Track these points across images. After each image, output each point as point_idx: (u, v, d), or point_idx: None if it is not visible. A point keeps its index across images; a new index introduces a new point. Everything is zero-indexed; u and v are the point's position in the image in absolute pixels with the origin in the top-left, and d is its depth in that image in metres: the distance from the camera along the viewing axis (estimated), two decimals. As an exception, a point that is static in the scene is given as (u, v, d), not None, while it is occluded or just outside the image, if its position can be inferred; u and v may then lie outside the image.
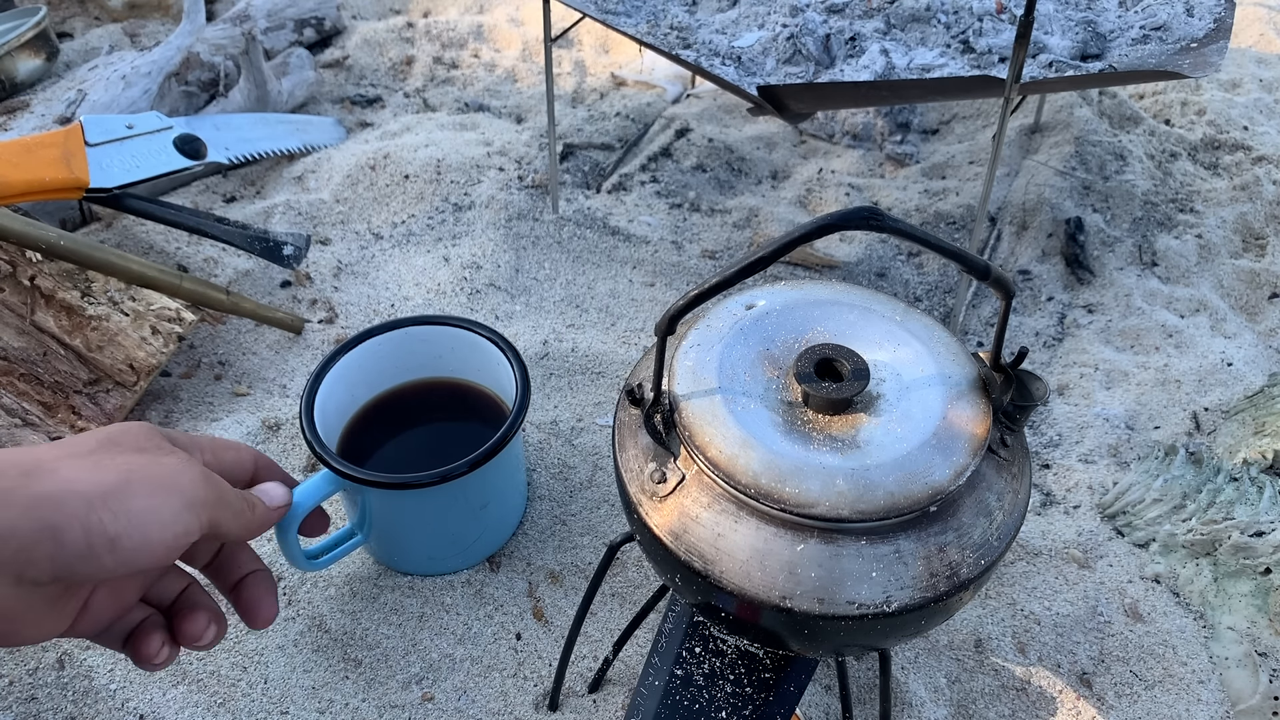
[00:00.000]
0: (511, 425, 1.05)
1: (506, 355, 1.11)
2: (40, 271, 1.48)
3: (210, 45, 2.07)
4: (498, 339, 1.14)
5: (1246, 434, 1.50)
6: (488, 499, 1.07)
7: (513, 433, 1.05)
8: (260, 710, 1.19)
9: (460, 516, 1.07)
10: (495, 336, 1.14)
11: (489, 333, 1.14)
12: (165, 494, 0.64)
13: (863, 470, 0.81)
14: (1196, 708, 1.21)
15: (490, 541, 1.14)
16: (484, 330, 1.14)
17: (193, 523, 0.66)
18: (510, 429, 1.04)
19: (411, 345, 1.17)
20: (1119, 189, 1.93)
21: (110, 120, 1.64)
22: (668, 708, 0.93)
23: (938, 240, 0.79)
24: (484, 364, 1.16)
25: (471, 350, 1.15)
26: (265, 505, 0.80)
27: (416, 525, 1.05)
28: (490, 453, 1.01)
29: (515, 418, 1.06)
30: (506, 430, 1.04)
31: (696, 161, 2.04)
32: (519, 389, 1.08)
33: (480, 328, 1.15)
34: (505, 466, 1.10)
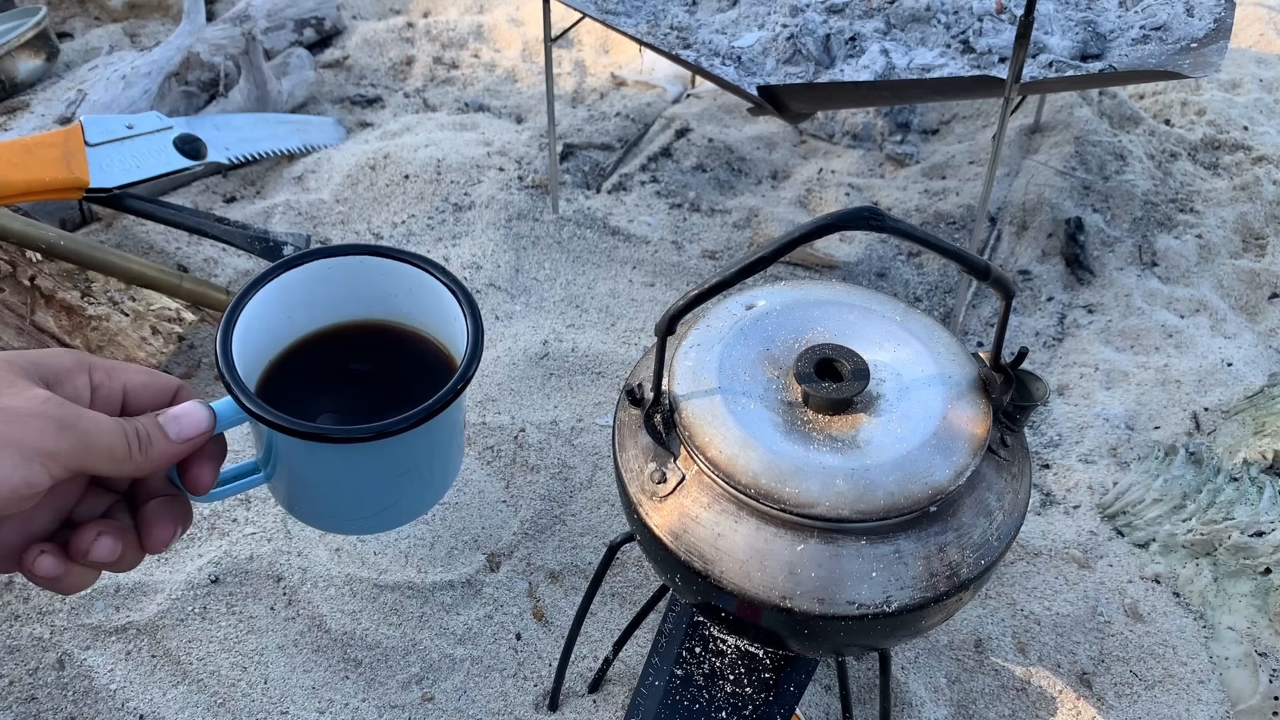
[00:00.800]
0: (448, 393, 0.94)
1: (463, 307, 1.01)
2: (40, 271, 1.48)
3: (210, 45, 2.07)
4: (456, 287, 1.02)
5: (1246, 434, 1.50)
6: (408, 467, 0.97)
7: (446, 401, 0.93)
8: (260, 710, 1.19)
9: (371, 480, 0.97)
10: (454, 284, 1.02)
11: (448, 279, 1.03)
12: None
13: (863, 470, 0.81)
14: (1196, 708, 1.21)
15: (403, 512, 1.03)
16: (443, 275, 1.03)
17: (36, 474, 0.63)
18: (442, 399, 0.93)
19: (366, 277, 1.06)
20: (1119, 189, 1.93)
21: (110, 120, 1.64)
22: (668, 708, 0.93)
23: (938, 240, 0.79)
24: (441, 314, 1.04)
25: (430, 296, 1.04)
26: (168, 440, 0.77)
27: (321, 480, 0.96)
28: (414, 419, 0.90)
29: (456, 382, 0.94)
30: (438, 399, 0.93)
31: (696, 161, 2.04)
32: (469, 346, 0.97)
33: (440, 272, 1.04)
34: (434, 436, 0.98)
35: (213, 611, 1.27)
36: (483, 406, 1.56)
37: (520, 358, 1.61)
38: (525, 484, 1.46)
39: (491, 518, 1.42)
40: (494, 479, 1.47)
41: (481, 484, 1.46)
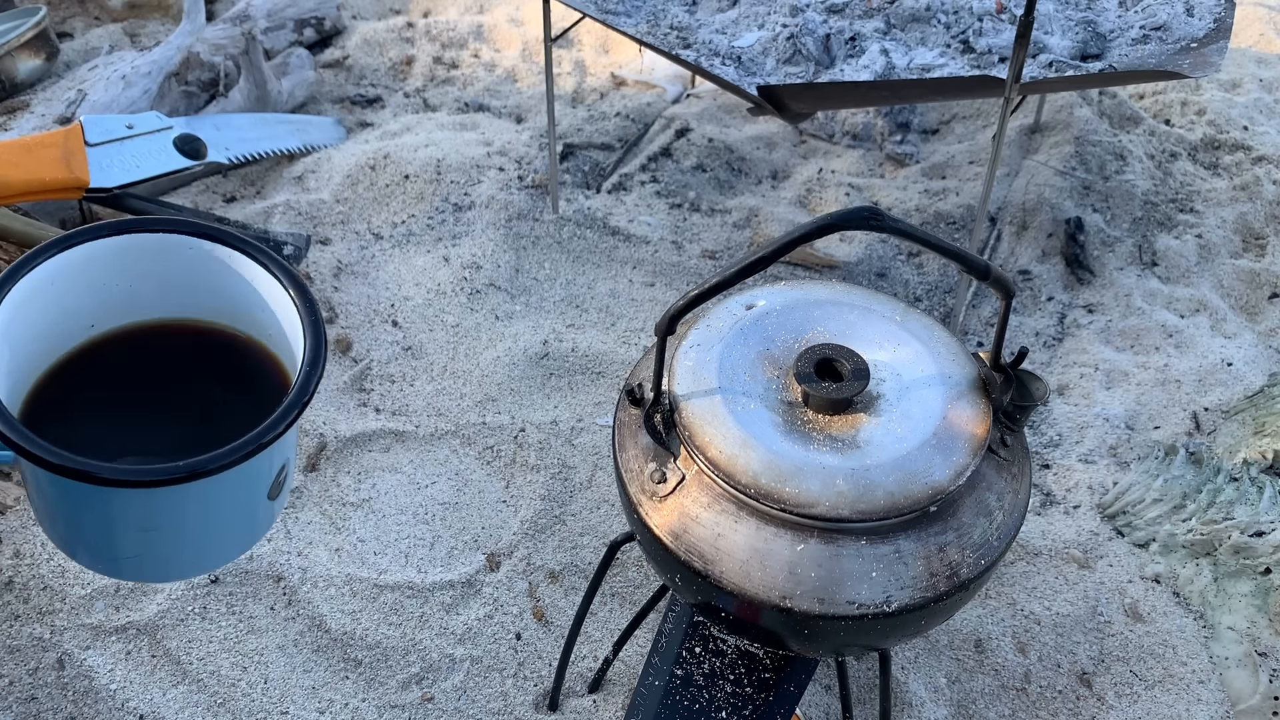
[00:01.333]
0: (215, 459, 0.68)
1: (300, 314, 0.75)
2: (40, 271, 1.48)
3: (210, 45, 2.07)
4: (291, 285, 0.77)
5: (1246, 434, 1.50)
6: (152, 524, 0.75)
7: (204, 468, 0.68)
8: (260, 710, 1.19)
9: (105, 524, 0.75)
10: (288, 280, 0.77)
11: (281, 273, 0.77)
12: None
13: (863, 470, 0.81)
14: (1196, 708, 1.21)
15: (153, 568, 0.81)
16: (275, 268, 0.77)
17: None
18: (199, 465, 0.68)
19: (177, 264, 0.79)
20: (1119, 189, 1.93)
21: (110, 120, 1.64)
22: (668, 708, 0.93)
23: (938, 240, 0.79)
24: (275, 318, 0.79)
25: (260, 294, 0.80)
26: None
27: (54, 503, 0.75)
28: (149, 478, 0.68)
29: (243, 446, 0.69)
30: (188, 466, 0.67)
31: (696, 161, 2.04)
32: (300, 378, 0.72)
33: (271, 263, 0.77)
34: (195, 498, 0.73)
35: (213, 611, 1.27)
36: (483, 406, 1.56)
37: (520, 358, 1.62)
38: (525, 484, 1.46)
39: (491, 518, 1.42)
40: (494, 479, 1.47)
41: (481, 484, 1.46)
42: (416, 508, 1.42)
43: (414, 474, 1.47)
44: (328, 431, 1.49)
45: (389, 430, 1.51)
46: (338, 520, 1.40)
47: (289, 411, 0.71)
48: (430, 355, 1.64)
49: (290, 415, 0.71)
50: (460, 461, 1.49)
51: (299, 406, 0.71)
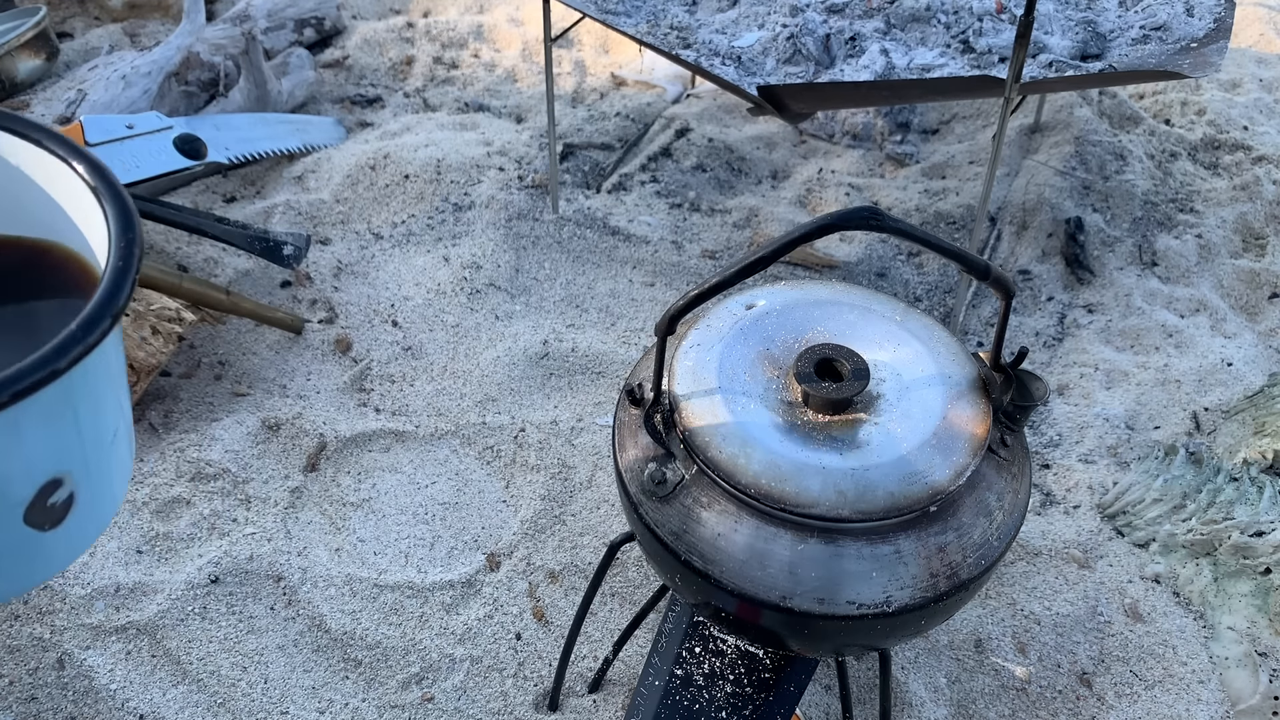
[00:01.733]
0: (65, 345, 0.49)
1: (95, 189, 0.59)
2: (40, 271, 1.48)
3: (210, 45, 2.07)
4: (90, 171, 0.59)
5: (1246, 434, 1.50)
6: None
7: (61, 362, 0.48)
8: (260, 710, 1.19)
9: None
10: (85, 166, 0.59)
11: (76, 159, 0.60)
12: None
13: (863, 470, 0.81)
14: (1196, 708, 1.22)
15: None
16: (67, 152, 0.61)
17: None
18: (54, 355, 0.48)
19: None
20: (1119, 189, 1.93)
21: (110, 120, 1.64)
22: (668, 708, 0.93)
23: (938, 240, 0.79)
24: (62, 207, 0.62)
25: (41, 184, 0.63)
26: None
27: None
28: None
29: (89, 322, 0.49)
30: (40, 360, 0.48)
31: (696, 161, 2.04)
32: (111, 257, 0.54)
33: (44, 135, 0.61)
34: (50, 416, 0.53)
35: (213, 611, 1.27)
36: (483, 406, 1.56)
37: (520, 358, 1.62)
38: (525, 484, 1.46)
39: (491, 518, 1.42)
40: (494, 479, 1.47)
41: (481, 484, 1.46)
42: (416, 508, 1.42)
43: (414, 474, 1.47)
44: (328, 432, 1.49)
45: (389, 430, 1.51)
46: (338, 520, 1.40)
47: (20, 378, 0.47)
48: (430, 355, 1.64)
49: (24, 379, 0.47)
50: (460, 461, 1.49)
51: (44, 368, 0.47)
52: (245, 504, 1.40)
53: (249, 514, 1.39)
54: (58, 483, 0.56)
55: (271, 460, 1.46)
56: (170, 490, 1.39)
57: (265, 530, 1.36)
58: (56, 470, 0.56)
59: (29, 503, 0.55)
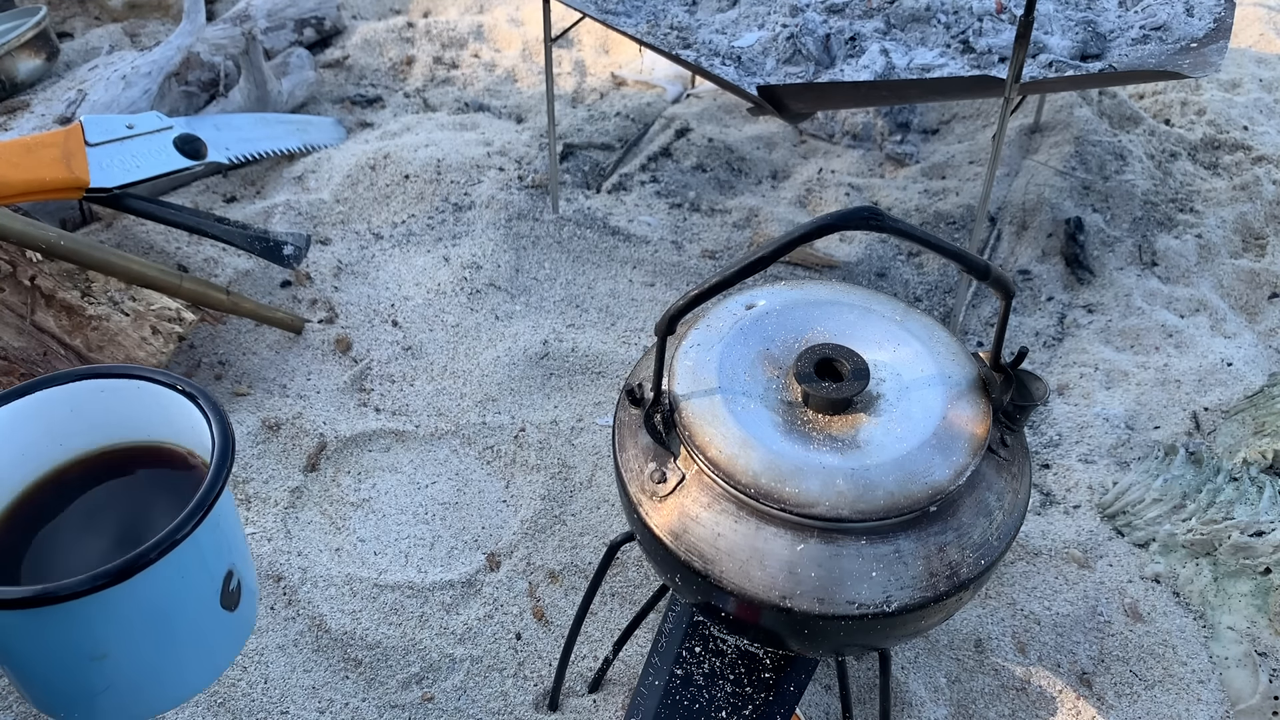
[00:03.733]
0: (146, 552, 0.68)
1: (201, 407, 0.80)
2: (40, 271, 1.48)
3: (210, 45, 2.07)
4: (187, 389, 0.82)
5: (1246, 434, 1.50)
6: (106, 649, 0.72)
7: (139, 562, 0.67)
8: (260, 710, 1.19)
9: (52, 658, 0.72)
10: (185, 386, 0.82)
11: (176, 382, 0.82)
12: None
13: (863, 470, 0.81)
14: (1196, 708, 1.22)
15: (124, 706, 0.77)
16: (167, 379, 0.82)
17: None
18: (137, 559, 0.67)
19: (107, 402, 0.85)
20: (1119, 189, 1.93)
21: (110, 120, 1.64)
22: (668, 708, 0.93)
23: (938, 240, 0.79)
24: (173, 417, 0.84)
25: (165, 407, 0.85)
26: None
27: (10, 655, 0.74)
28: (82, 587, 0.66)
29: (163, 539, 0.68)
30: (127, 561, 0.67)
31: (696, 161, 2.04)
32: (209, 477, 0.73)
33: (163, 377, 0.82)
34: (139, 607, 0.71)
35: (213, 611, 1.27)
36: (483, 406, 1.56)
37: (520, 358, 1.62)
38: (525, 484, 1.46)
39: (491, 518, 1.42)
40: (494, 479, 1.47)
41: (481, 484, 1.47)
42: (416, 508, 1.42)
43: (414, 474, 1.47)
44: (328, 431, 1.49)
45: (389, 430, 1.51)
46: (338, 520, 1.40)
47: (197, 509, 0.71)
48: (430, 355, 1.64)
49: (198, 512, 0.70)
50: (460, 461, 1.49)
51: (206, 504, 0.71)
52: (245, 504, 1.40)
53: (249, 514, 1.39)
54: (231, 573, 0.78)
55: (271, 460, 1.46)
56: (170, 490, 1.39)
57: (265, 530, 1.36)
58: (229, 563, 0.78)
59: (221, 590, 0.77)
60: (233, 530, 0.79)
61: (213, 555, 0.75)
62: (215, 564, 0.76)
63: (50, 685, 0.75)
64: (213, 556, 0.75)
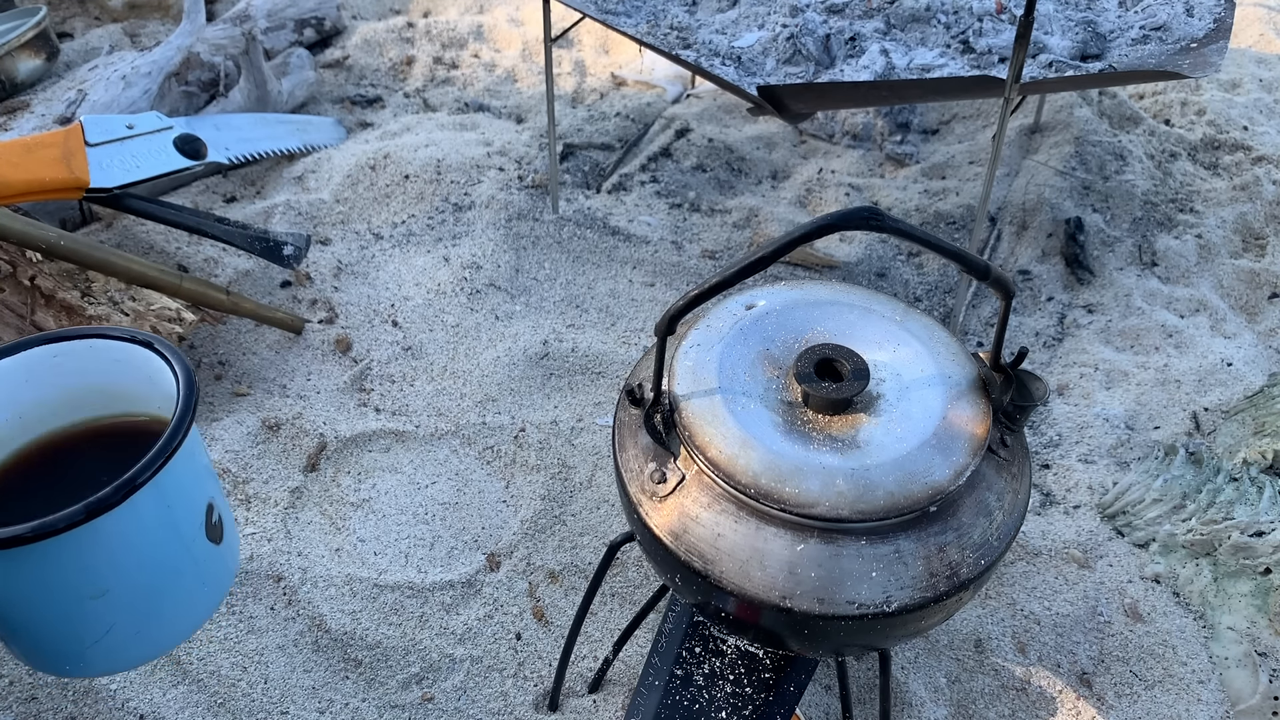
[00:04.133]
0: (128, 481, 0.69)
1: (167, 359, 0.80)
2: (40, 271, 1.48)
3: (210, 45, 2.07)
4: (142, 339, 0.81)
5: (1246, 434, 1.50)
6: (106, 584, 0.72)
7: (124, 490, 0.69)
8: (260, 710, 1.19)
9: (57, 601, 0.72)
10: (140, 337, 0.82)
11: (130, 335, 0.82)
12: None
13: (863, 470, 0.81)
14: (1196, 708, 1.22)
15: (126, 647, 0.77)
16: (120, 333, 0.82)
17: None
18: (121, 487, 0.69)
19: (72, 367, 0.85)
20: (1119, 189, 1.93)
21: (110, 120, 1.64)
22: (668, 708, 0.93)
23: (938, 240, 0.79)
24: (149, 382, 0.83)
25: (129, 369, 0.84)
26: None
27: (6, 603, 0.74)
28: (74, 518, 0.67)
29: (147, 464, 0.70)
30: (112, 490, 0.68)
31: (696, 161, 2.04)
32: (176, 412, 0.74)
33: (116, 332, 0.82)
34: (129, 538, 0.72)
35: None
36: (483, 406, 1.56)
37: (520, 358, 1.62)
38: (525, 484, 1.46)
39: (491, 518, 1.42)
40: (494, 479, 1.47)
41: (481, 484, 1.47)
42: (416, 508, 1.42)
43: (414, 474, 1.47)
44: (328, 431, 1.49)
45: (389, 430, 1.51)
46: (338, 520, 1.40)
47: (174, 434, 0.73)
48: (430, 355, 1.64)
49: (170, 445, 0.72)
50: (460, 461, 1.49)
51: (181, 430, 0.73)
52: (245, 504, 1.40)
53: (249, 514, 1.39)
54: (212, 506, 0.79)
55: (271, 460, 1.46)
56: (170, 490, 1.39)
57: (265, 530, 1.36)
58: (208, 496, 0.79)
59: (204, 522, 0.78)
60: (206, 466, 0.81)
61: (193, 485, 0.78)
62: (196, 494, 0.78)
63: (52, 633, 0.74)
64: (193, 486, 0.78)
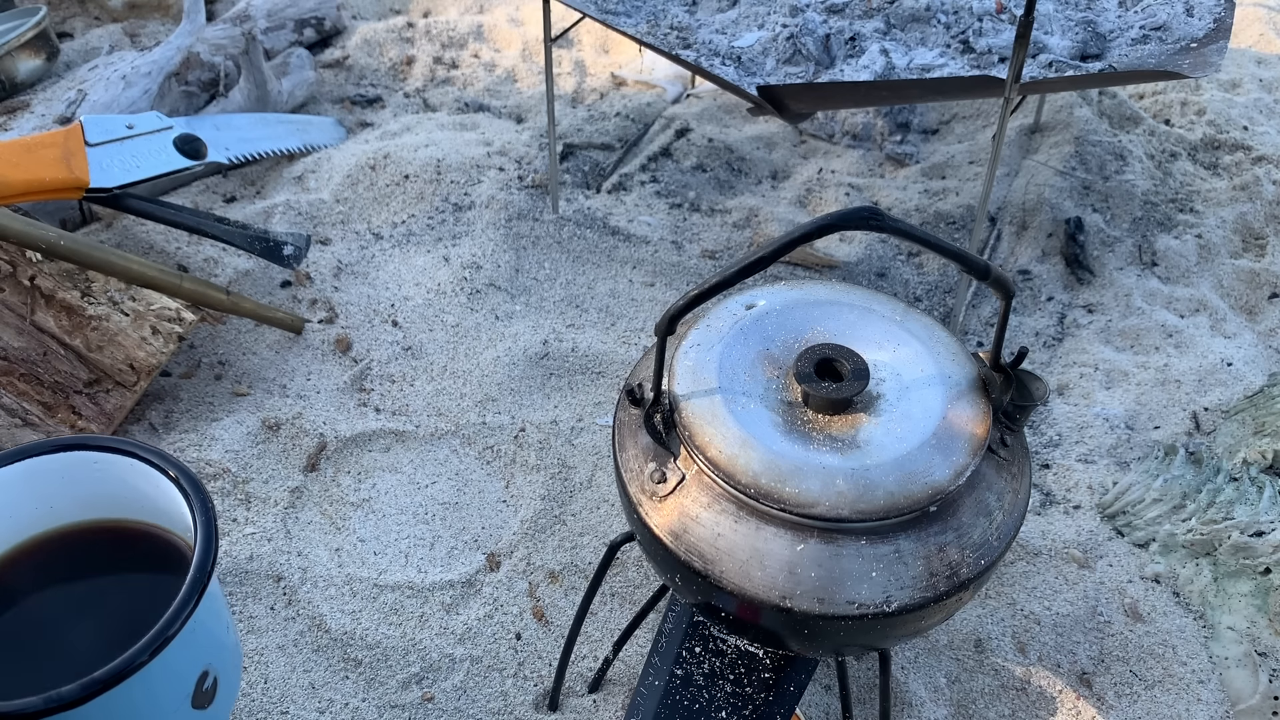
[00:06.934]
0: (130, 659, 0.63)
1: (182, 487, 0.75)
2: (40, 271, 1.48)
3: (210, 45, 2.07)
4: (166, 465, 0.76)
5: (1246, 434, 1.50)
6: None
7: (126, 669, 0.63)
8: (260, 710, 1.19)
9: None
10: (164, 463, 0.76)
11: (156, 458, 0.76)
12: None
13: (863, 470, 0.81)
14: (1196, 708, 1.22)
15: None
16: (148, 455, 0.77)
17: None
18: (121, 666, 0.63)
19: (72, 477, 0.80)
20: (1119, 189, 1.93)
21: (110, 120, 1.64)
22: (668, 708, 0.93)
23: (938, 240, 0.79)
24: (162, 500, 0.79)
25: (142, 484, 0.79)
26: None
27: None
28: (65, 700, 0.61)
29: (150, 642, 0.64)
30: (113, 669, 0.62)
31: (696, 161, 2.04)
32: (198, 547, 0.69)
33: (145, 452, 0.77)
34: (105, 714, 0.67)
35: (213, 611, 1.27)
36: (483, 406, 1.56)
37: (520, 358, 1.62)
38: (525, 484, 1.46)
39: (491, 518, 1.42)
40: (494, 479, 1.47)
41: (481, 484, 1.47)
42: (416, 508, 1.42)
43: (414, 474, 1.47)
44: (328, 431, 1.49)
45: (389, 430, 1.52)
46: (338, 520, 1.40)
47: (170, 623, 0.66)
48: (430, 355, 1.64)
49: (173, 625, 0.66)
50: (460, 461, 1.49)
51: (181, 617, 0.67)
52: (245, 504, 1.40)
53: (249, 514, 1.39)
54: (206, 673, 0.76)
55: (271, 460, 1.46)
56: (170, 490, 1.39)
57: (265, 530, 1.36)
58: (205, 664, 0.76)
59: (193, 692, 0.75)
60: (214, 627, 0.76)
61: (185, 663, 0.72)
62: (187, 669, 0.73)
63: None
64: (185, 664, 0.72)
